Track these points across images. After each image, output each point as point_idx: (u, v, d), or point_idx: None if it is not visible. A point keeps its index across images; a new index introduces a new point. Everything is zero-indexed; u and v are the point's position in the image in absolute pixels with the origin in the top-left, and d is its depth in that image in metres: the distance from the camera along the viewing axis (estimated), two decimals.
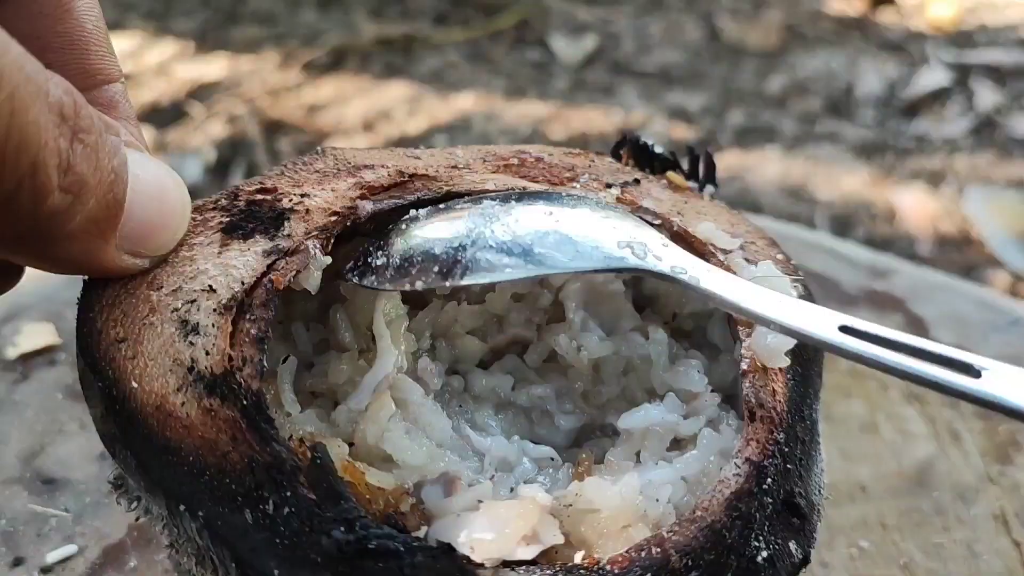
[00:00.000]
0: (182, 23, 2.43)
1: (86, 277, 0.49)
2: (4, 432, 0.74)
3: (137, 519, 0.52)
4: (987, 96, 2.12)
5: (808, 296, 0.54)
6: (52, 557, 0.65)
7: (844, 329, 0.47)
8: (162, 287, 0.48)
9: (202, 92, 2.15)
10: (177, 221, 0.49)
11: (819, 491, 0.51)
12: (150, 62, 2.26)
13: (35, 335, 0.82)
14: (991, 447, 0.78)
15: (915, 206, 1.82)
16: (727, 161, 1.96)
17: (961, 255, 1.69)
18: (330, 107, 2.12)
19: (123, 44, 2.30)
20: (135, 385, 0.45)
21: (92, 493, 0.70)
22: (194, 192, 0.51)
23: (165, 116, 2.06)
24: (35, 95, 0.37)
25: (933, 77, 2.19)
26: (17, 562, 0.64)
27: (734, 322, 0.53)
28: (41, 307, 0.84)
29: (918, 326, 0.91)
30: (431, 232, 0.51)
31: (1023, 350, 0.87)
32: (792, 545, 0.47)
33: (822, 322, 0.47)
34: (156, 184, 0.47)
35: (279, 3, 2.53)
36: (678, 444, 0.52)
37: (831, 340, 0.46)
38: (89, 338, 0.48)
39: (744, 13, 2.53)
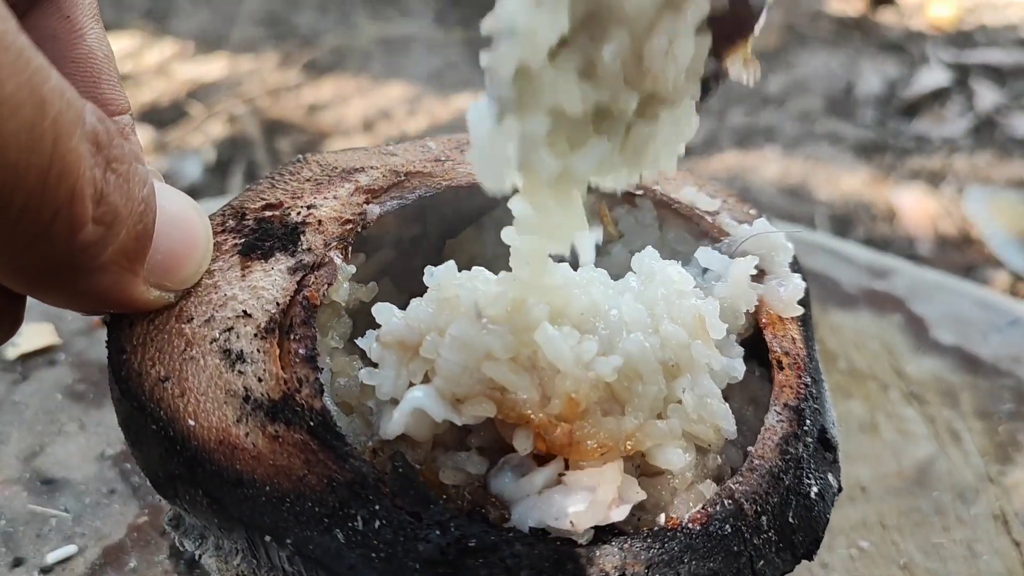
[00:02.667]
0: (182, 23, 2.43)
1: (107, 319, 0.48)
2: (4, 432, 0.74)
3: (199, 557, 0.51)
4: (987, 96, 2.12)
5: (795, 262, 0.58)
6: (52, 557, 0.64)
7: None
8: (192, 319, 0.47)
9: (202, 92, 2.15)
10: (202, 253, 0.48)
11: (833, 423, 0.54)
12: (150, 62, 2.26)
13: (35, 335, 0.82)
14: (991, 447, 0.78)
15: (915, 206, 1.82)
16: (727, 161, 1.96)
17: (961, 255, 1.69)
18: (330, 107, 2.12)
19: (123, 44, 2.30)
20: (192, 423, 0.44)
21: (92, 493, 0.70)
22: (194, 192, 0.50)
23: (165, 116, 2.05)
24: (75, 122, 0.36)
25: (933, 77, 2.18)
26: (17, 562, 0.64)
27: None
28: (41, 307, 0.84)
29: (918, 326, 0.91)
30: None
31: (1023, 350, 0.87)
32: (830, 477, 0.52)
33: None
34: (182, 215, 0.46)
35: (279, 3, 2.53)
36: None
37: None
38: (129, 381, 0.46)
39: None
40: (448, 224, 0.60)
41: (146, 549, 0.66)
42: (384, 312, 0.47)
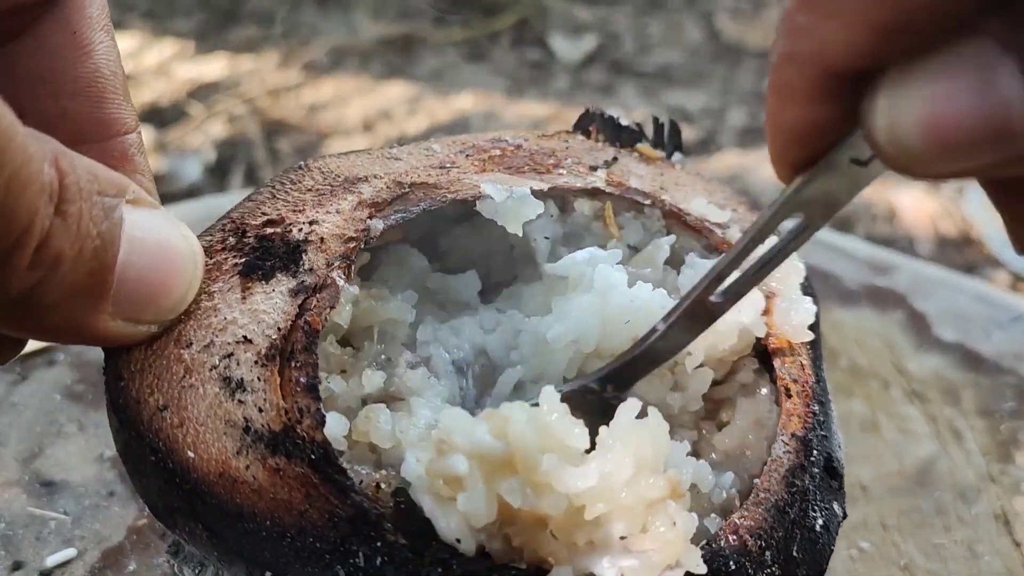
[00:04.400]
0: (182, 23, 2.43)
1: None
2: (3, 434, 0.74)
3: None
4: None
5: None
6: (51, 560, 0.64)
7: None
8: (191, 344, 0.46)
9: (202, 92, 2.14)
10: (183, 286, 0.46)
11: (840, 446, 0.54)
12: (150, 62, 2.25)
13: None
14: (992, 446, 0.78)
15: (915, 206, 1.81)
16: (727, 161, 1.95)
17: (961, 255, 1.68)
18: (330, 107, 2.12)
19: (123, 44, 2.29)
20: (191, 455, 0.43)
21: (91, 496, 0.69)
22: (194, 192, 0.49)
23: (165, 116, 2.05)
24: (33, 176, 0.36)
25: None
26: (16, 566, 0.64)
27: None
28: None
29: (920, 322, 0.91)
30: None
31: None
32: (835, 506, 0.51)
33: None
34: (161, 246, 0.44)
35: (279, 3, 2.52)
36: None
37: None
38: (127, 409, 0.45)
39: (744, 13, 2.52)
40: (440, 222, 0.59)
41: (145, 552, 0.65)
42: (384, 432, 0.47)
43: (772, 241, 0.43)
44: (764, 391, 0.53)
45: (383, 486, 0.44)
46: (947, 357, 0.87)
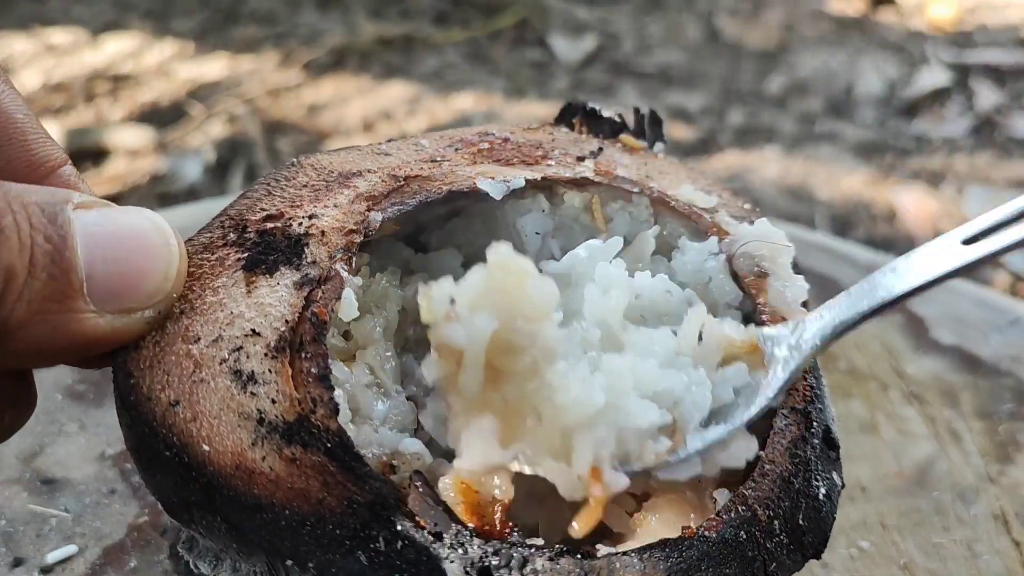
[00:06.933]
0: (182, 23, 2.43)
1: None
2: None
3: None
4: (987, 96, 2.12)
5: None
6: (52, 557, 0.65)
7: (967, 242, 0.48)
8: (199, 339, 0.46)
9: (202, 92, 2.15)
10: (160, 265, 0.45)
11: (833, 419, 0.55)
12: (150, 62, 2.26)
13: None
14: (991, 447, 0.78)
15: (915, 206, 1.82)
16: (727, 161, 1.96)
17: None
18: (330, 107, 2.12)
19: (123, 44, 2.30)
20: (207, 448, 0.44)
21: (92, 493, 0.70)
22: (194, 192, 0.49)
23: (165, 116, 2.05)
24: None
25: (933, 77, 2.18)
26: (17, 562, 0.64)
27: (743, 282, 0.56)
28: None
29: (918, 325, 0.91)
30: None
31: (1023, 350, 0.87)
32: (835, 476, 0.52)
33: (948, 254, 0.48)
34: (123, 233, 0.44)
35: (279, 3, 2.53)
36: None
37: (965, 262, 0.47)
38: (139, 407, 0.45)
39: (744, 13, 2.53)
40: (434, 215, 0.59)
41: (146, 549, 0.66)
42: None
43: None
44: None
45: (395, 468, 0.45)
46: (945, 360, 0.87)
